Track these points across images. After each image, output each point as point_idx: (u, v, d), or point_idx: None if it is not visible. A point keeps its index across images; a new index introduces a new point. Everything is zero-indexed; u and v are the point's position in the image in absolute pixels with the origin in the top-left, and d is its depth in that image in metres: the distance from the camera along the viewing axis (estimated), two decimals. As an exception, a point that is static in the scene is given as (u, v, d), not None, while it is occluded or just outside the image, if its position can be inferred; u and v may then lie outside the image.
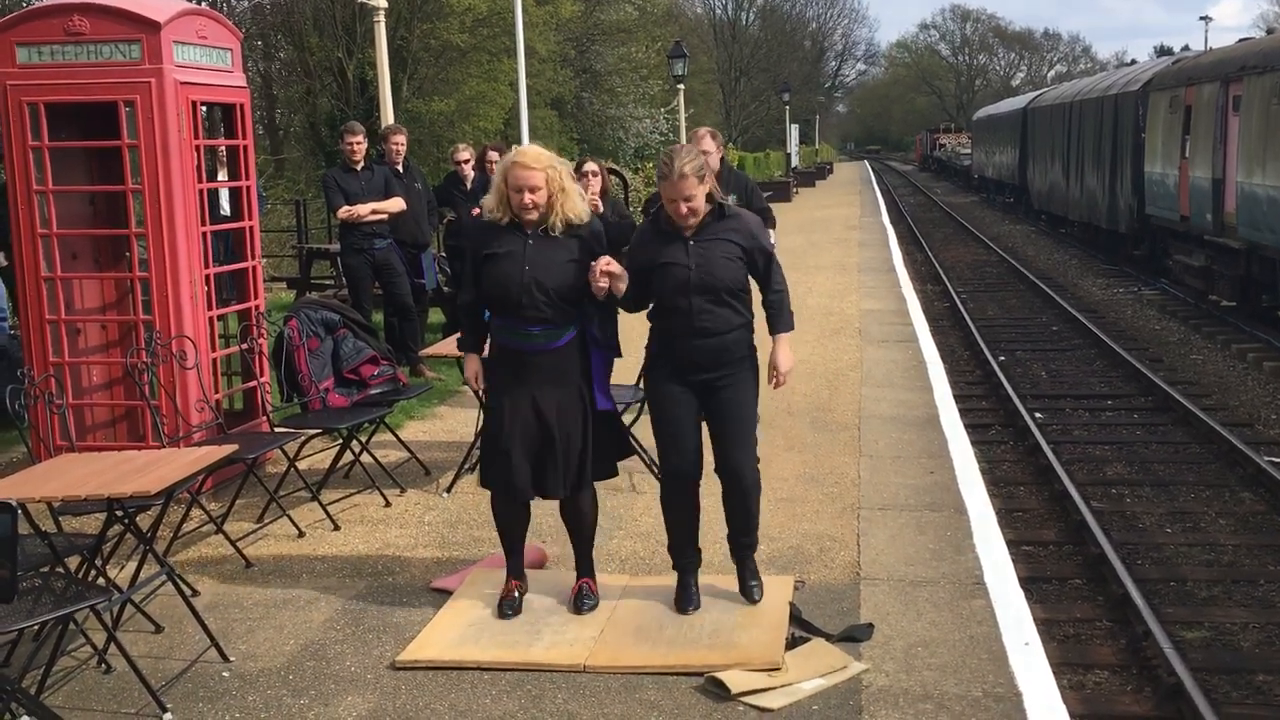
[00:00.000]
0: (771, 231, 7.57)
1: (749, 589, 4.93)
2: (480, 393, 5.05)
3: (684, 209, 4.59)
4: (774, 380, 4.83)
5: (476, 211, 5.07)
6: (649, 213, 4.88)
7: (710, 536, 5.43)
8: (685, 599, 4.89)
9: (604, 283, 4.59)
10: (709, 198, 4.67)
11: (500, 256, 4.66)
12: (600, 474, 4.92)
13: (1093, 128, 25.56)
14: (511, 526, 4.96)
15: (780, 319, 4.83)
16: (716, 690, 4.24)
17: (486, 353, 4.93)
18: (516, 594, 4.95)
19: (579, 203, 4.73)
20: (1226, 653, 6.35)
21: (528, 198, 4.61)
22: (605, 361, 4.86)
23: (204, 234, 6.67)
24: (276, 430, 6.68)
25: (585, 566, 4.99)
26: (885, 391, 9.16)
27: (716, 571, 5.34)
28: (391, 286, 9.69)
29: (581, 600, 4.91)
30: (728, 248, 4.66)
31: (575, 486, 4.81)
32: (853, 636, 4.65)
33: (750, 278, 4.79)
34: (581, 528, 4.94)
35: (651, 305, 4.78)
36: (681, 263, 4.62)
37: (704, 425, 4.82)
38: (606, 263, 4.59)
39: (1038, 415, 11.20)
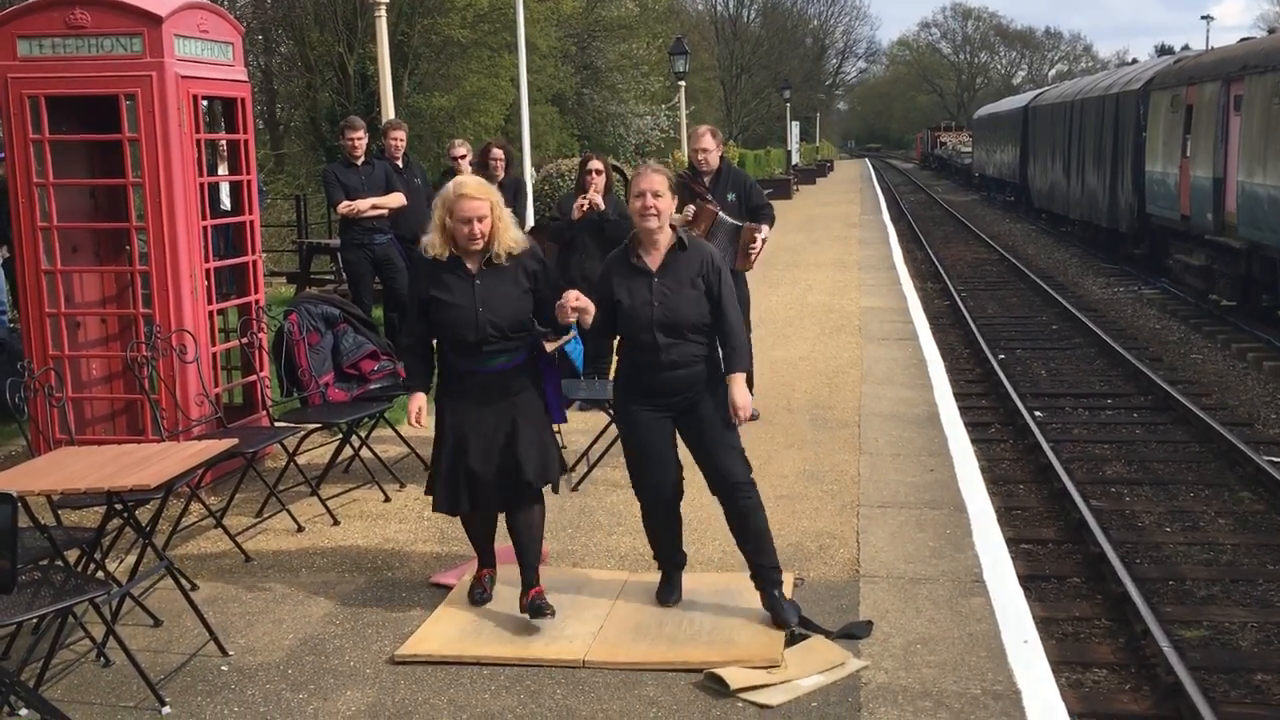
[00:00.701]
0: (765, 227, 7.57)
1: (782, 617, 4.66)
2: (416, 422, 4.90)
3: (649, 200, 4.64)
4: (736, 418, 4.72)
5: None
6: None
7: (710, 532, 5.44)
8: (666, 591, 4.95)
9: (573, 318, 4.64)
10: (673, 229, 4.76)
11: (451, 302, 4.68)
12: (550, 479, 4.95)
13: (1094, 127, 25.55)
14: (477, 533, 5.04)
15: (735, 358, 4.76)
16: (716, 687, 4.24)
17: (437, 376, 4.94)
18: (486, 581, 5.05)
19: (516, 230, 4.78)
20: (1225, 652, 6.35)
21: (476, 228, 4.63)
22: (557, 376, 4.97)
23: (204, 228, 6.67)
24: (276, 425, 6.67)
25: (533, 577, 4.85)
26: (885, 389, 9.16)
27: (716, 569, 5.35)
28: (391, 282, 9.68)
29: (539, 606, 4.74)
30: (691, 284, 4.70)
31: (522, 501, 4.82)
32: (852, 634, 4.66)
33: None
34: (530, 541, 4.86)
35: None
36: (644, 300, 4.67)
37: (679, 447, 4.82)
38: (576, 298, 4.64)
39: (1037, 414, 11.20)
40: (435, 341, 4.89)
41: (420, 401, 4.88)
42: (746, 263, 7.34)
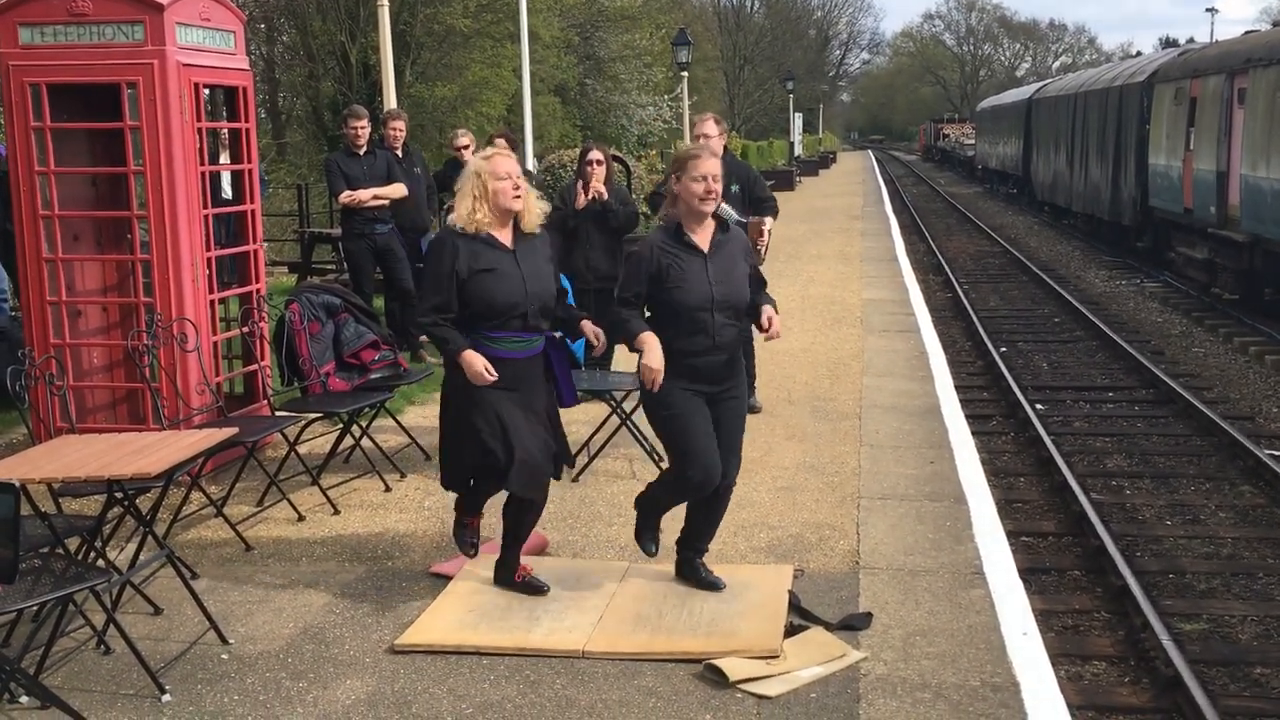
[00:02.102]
0: (770, 220, 7.57)
1: (714, 581, 4.97)
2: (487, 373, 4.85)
3: (711, 185, 4.67)
4: (769, 328, 4.75)
5: None
6: (654, 207, 4.98)
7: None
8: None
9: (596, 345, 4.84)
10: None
11: (500, 273, 4.67)
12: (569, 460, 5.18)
13: (1097, 119, 25.50)
14: (482, 496, 5.12)
15: (767, 297, 4.95)
16: (715, 678, 4.24)
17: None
18: (477, 528, 5.15)
19: (536, 203, 4.87)
20: (1225, 645, 6.35)
21: (519, 182, 4.70)
22: (564, 359, 4.99)
23: (205, 217, 6.67)
24: (277, 414, 6.68)
25: (518, 556, 5.05)
26: (886, 381, 9.16)
27: (716, 560, 5.35)
28: (392, 271, 9.69)
29: (534, 584, 4.98)
30: (740, 266, 4.81)
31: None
32: (851, 625, 4.66)
33: None
34: (527, 523, 4.98)
35: (656, 319, 4.77)
36: (702, 280, 4.68)
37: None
38: (603, 347, 4.90)
39: (1039, 406, 11.19)
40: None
41: (480, 360, 4.62)
42: (756, 258, 7.33)
